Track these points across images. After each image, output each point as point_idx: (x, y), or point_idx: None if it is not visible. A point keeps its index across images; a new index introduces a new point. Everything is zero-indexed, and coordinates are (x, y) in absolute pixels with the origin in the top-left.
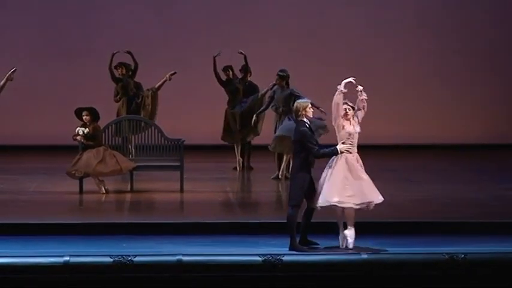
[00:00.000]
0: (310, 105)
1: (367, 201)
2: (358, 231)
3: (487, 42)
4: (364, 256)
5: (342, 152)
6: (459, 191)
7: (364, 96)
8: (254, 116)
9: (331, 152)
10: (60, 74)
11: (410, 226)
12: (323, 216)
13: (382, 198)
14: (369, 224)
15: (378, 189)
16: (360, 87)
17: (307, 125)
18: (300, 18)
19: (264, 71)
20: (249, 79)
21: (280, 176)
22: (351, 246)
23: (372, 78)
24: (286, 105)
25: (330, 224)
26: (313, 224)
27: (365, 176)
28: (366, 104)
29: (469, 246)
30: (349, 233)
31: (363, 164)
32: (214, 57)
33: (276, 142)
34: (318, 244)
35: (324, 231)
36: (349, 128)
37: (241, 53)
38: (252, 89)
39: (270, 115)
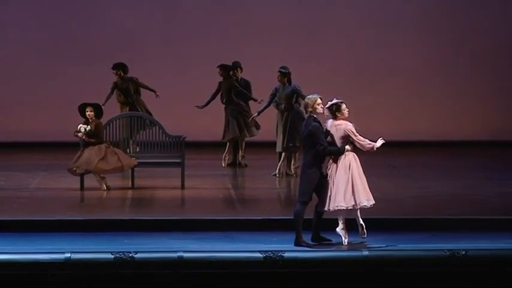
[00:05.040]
0: (320, 101)
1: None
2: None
3: (485, 38)
4: (365, 253)
5: (347, 151)
6: (459, 188)
7: (372, 146)
8: (256, 113)
9: (337, 150)
10: (61, 71)
11: (411, 223)
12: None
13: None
14: (369, 220)
15: (378, 186)
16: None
17: (318, 121)
18: (298, 16)
19: (263, 69)
20: (240, 75)
21: (278, 174)
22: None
23: (370, 75)
24: (289, 103)
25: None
26: (325, 221)
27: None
28: (362, 145)
29: (470, 243)
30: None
31: (363, 160)
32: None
33: None
34: (330, 240)
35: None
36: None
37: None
38: (245, 84)
39: (271, 112)
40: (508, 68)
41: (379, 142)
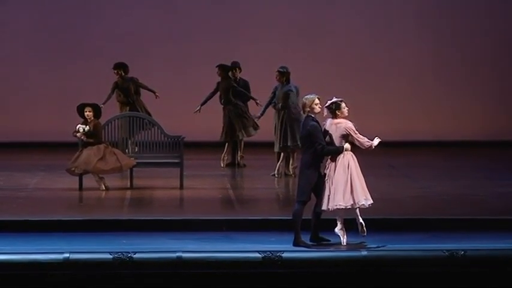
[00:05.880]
0: (317, 101)
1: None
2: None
3: (485, 38)
4: (364, 253)
5: (345, 150)
6: (459, 188)
7: (370, 144)
8: (259, 114)
9: (335, 150)
10: (60, 70)
11: (409, 223)
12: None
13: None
14: (369, 220)
15: (377, 187)
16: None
17: (316, 120)
18: (298, 16)
19: (262, 69)
20: (239, 75)
21: (276, 175)
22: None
23: (370, 75)
24: (285, 102)
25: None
26: (323, 221)
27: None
28: (362, 143)
29: (469, 243)
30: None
31: (362, 160)
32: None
33: None
34: (329, 240)
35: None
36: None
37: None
38: (243, 85)
39: (270, 112)
40: (508, 68)
41: (376, 141)
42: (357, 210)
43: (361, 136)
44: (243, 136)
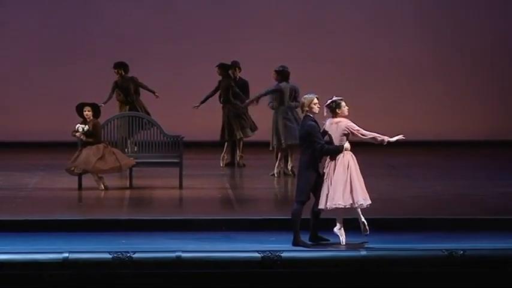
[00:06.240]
0: (316, 101)
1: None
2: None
3: (485, 38)
4: (363, 253)
5: (345, 149)
6: (459, 188)
7: (383, 138)
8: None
9: (335, 149)
10: (60, 70)
11: (409, 222)
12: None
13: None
14: (368, 220)
15: (377, 186)
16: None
17: (315, 120)
18: (298, 16)
19: (262, 69)
20: (238, 75)
21: (276, 174)
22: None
23: (370, 75)
24: (279, 102)
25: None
26: (323, 220)
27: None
28: (373, 137)
29: (468, 243)
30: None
31: (362, 160)
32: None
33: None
34: (328, 240)
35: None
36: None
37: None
38: (243, 84)
39: (269, 112)
40: (508, 68)
41: (395, 138)
42: (358, 209)
43: (364, 132)
44: (240, 136)
